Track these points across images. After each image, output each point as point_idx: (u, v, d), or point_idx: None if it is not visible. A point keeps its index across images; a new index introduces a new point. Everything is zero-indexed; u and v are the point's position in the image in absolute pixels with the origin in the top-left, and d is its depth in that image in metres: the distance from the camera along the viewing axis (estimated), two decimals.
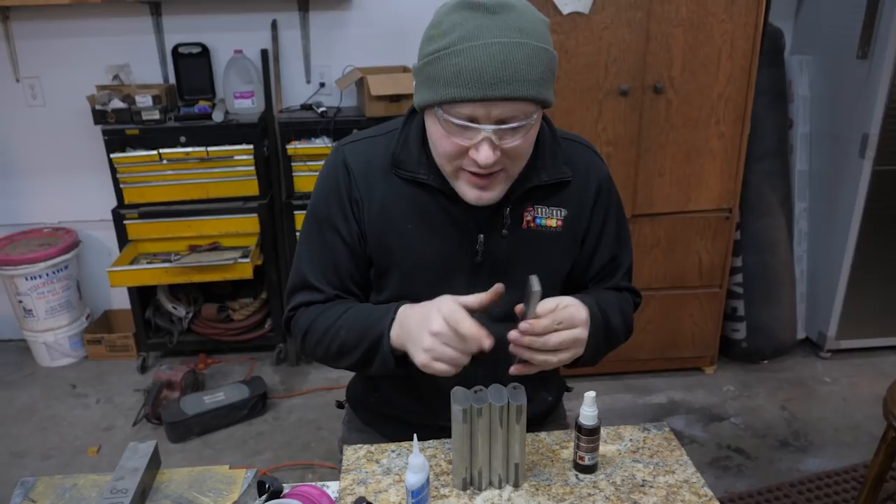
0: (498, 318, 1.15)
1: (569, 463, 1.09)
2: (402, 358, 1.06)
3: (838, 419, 2.64)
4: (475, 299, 0.99)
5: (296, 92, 3.02)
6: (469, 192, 1.04)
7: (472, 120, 0.96)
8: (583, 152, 1.20)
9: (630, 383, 2.87)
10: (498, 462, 1.02)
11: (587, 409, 1.04)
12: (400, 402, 1.25)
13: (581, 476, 1.06)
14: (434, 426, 1.21)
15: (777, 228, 2.90)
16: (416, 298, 1.14)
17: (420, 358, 0.99)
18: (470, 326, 0.95)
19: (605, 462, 1.09)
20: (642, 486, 1.04)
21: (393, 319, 1.05)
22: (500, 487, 1.04)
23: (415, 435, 0.97)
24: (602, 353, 1.15)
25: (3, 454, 2.49)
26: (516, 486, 1.04)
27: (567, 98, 2.43)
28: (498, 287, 0.99)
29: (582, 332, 1.01)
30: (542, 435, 1.17)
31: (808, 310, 3.11)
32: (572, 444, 1.09)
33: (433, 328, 0.97)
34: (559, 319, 0.98)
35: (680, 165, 2.58)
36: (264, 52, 2.83)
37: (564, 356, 1.01)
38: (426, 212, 1.12)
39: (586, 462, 1.06)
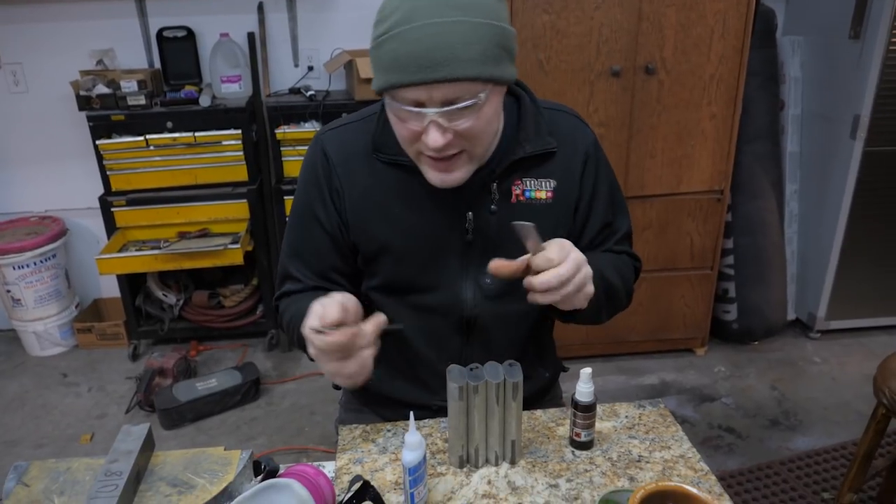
0: (491, 295, 1.14)
1: (565, 440, 1.09)
2: None
3: (828, 398, 2.66)
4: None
5: (284, 76, 2.99)
6: (432, 175, 1.03)
7: (418, 104, 0.94)
8: (567, 120, 1.18)
9: (622, 365, 2.89)
10: (494, 439, 1.02)
11: (583, 385, 1.04)
12: (397, 384, 1.25)
13: (577, 452, 1.07)
14: (432, 407, 1.21)
15: (768, 210, 2.90)
16: (409, 281, 1.14)
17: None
18: (324, 340, 0.92)
19: (601, 438, 1.09)
20: (638, 461, 1.04)
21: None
22: (496, 464, 1.04)
23: (411, 413, 0.97)
24: (604, 311, 1.14)
25: None
26: (513, 462, 1.04)
27: (558, 79, 2.42)
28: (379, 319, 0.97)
29: (588, 271, 0.98)
30: (538, 412, 1.17)
31: (799, 291, 3.13)
32: (568, 421, 1.09)
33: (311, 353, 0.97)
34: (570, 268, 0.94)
35: (671, 147, 2.57)
36: (251, 36, 2.79)
37: (580, 296, 0.97)
38: (411, 194, 1.10)
39: (582, 438, 1.06)
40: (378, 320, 0.96)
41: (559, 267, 0.93)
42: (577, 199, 1.17)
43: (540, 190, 1.14)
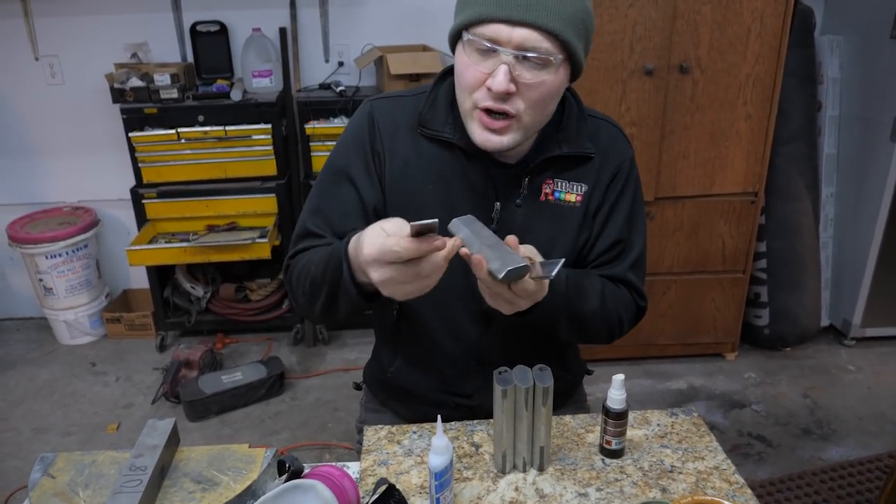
0: None
1: (595, 447, 1.07)
2: (370, 289, 0.96)
3: (862, 408, 2.59)
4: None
5: (314, 71, 2.99)
6: (478, 132, 1.03)
7: (495, 42, 0.95)
8: (609, 131, 1.18)
9: (650, 368, 2.84)
10: (523, 445, 1.00)
11: (615, 392, 1.01)
12: (415, 377, 1.24)
13: (607, 460, 1.04)
14: (450, 404, 1.20)
15: (803, 213, 2.83)
16: None
17: (380, 287, 0.91)
18: (399, 242, 0.83)
19: (632, 447, 1.07)
20: (671, 471, 1.01)
21: (349, 241, 0.96)
22: (524, 471, 1.02)
23: (438, 416, 0.95)
24: (564, 331, 1.10)
25: (24, 430, 2.52)
26: (541, 469, 1.02)
27: (590, 77, 2.38)
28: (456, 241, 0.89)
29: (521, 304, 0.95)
30: (567, 418, 1.14)
31: (833, 297, 3.05)
32: (598, 427, 1.07)
33: (368, 254, 0.87)
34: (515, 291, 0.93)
35: (705, 147, 2.52)
36: (283, 31, 2.80)
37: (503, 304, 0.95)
38: (446, 174, 1.11)
39: (613, 446, 1.04)
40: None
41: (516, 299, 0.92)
42: (598, 208, 1.16)
43: (570, 193, 1.13)
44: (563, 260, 0.91)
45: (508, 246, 0.90)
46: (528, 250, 0.95)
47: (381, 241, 0.86)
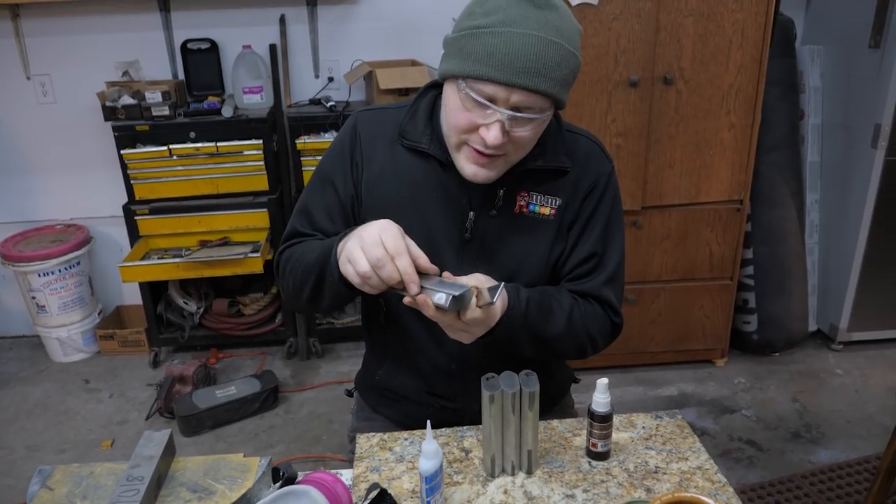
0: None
1: (581, 450, 1.09)
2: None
3: (850, 411, 2.62)
4: (417, 252, 0.98)
5: (304, 86, 3.02)
6: (467, 166, 1.07)
7: (491, 100, 0.99)
8: (586, 146, 1.20)
9: (640, 376, 2.87)
10: (511, 449, 1.02)
11: (600, 395, 1.04)
12: (401, 379, 1.28)
13: (594, 463, 1.07)
14: (435, 405, 1.24)
15: (788, 220, 2.88)
16: None
17: (354, 252, 0.97)
18: (406, 265, 0.95)
19: (618, 449, 1.09)
20: (655, 472, 1.04)
21: (346, 234, 1.04)
22: (513, 474, 1.04)
23: (428, 422, 0.97)
24: (527, 349, 1.12)
25: (18, 448, 2.52)
26: (529, 472, 1.04)
27: (576, 90, 2.42)
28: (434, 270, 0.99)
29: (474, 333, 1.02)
30: (555, 422, 1.17)
31: (820, 302, 3.09)
32: (585, 431, 1.09)
33: (366, 236, 0.97)
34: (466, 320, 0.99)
35: (690, 157, 2.56)
36: (273, 47, 2.83)
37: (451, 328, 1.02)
38: (422, 183, 1.15)
39: (599, 449, 1.06)
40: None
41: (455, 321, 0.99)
42: (572, 222, 1.18)
43: (545, 206, 1.16)
44: (503, 284, 0.99)
45: (447, 279, 0.98)
46: (474, 279, 1.02)
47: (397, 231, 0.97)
